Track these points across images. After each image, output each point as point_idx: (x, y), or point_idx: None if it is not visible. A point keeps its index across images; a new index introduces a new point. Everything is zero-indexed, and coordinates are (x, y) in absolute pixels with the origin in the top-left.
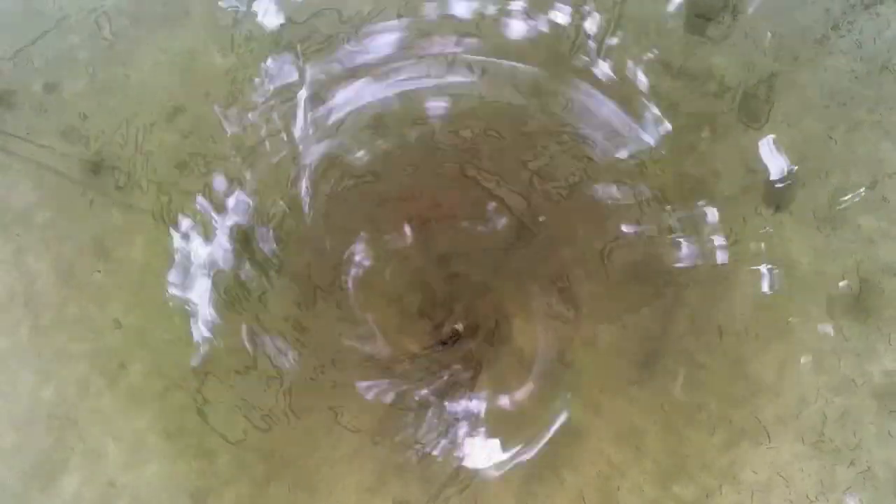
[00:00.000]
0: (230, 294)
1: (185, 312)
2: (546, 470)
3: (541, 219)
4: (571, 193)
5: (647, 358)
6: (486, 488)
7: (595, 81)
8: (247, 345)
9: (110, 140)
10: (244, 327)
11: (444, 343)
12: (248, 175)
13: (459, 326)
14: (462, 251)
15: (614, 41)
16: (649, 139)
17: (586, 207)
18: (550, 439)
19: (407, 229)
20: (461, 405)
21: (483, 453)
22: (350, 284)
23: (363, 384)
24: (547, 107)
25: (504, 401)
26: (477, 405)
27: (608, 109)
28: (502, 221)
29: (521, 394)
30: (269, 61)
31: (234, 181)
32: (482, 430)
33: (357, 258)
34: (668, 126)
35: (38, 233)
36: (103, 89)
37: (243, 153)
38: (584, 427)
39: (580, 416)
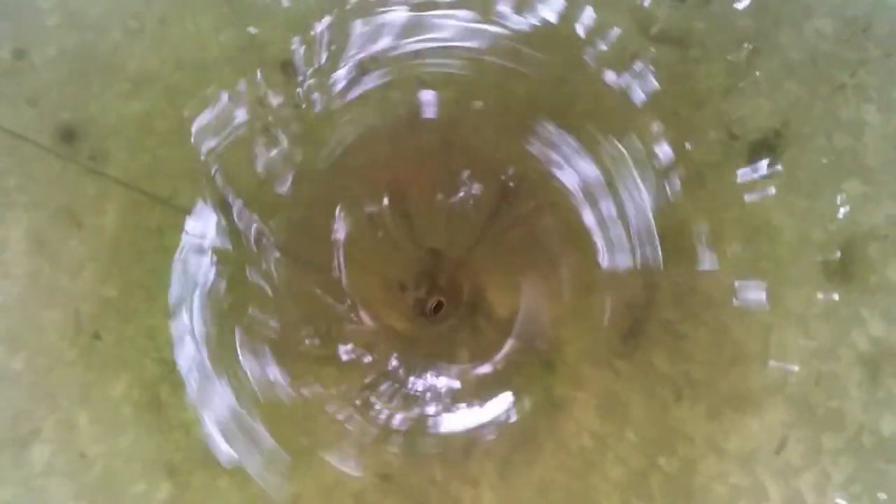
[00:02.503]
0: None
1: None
2: (528, 442)
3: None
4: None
5: (630, 329)
6: (466, 460)
7: None
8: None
9: (81, 107)
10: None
11: (426, 314)
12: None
13: (440, 300)
14: (442, 224)
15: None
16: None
17: None
18: (532, 411)
19: (385, 202)
20: (427, 380)
21: (455, 422)
22: (338, 261)
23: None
24: None
25: (478, 371)
26: (445, 380)
27: None
28: (483, 192)
29: (499, 363)
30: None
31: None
32: (453, 402)
33: (335, 235)
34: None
35: (8, 200)
36: (74, 56)
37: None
38: (566, 399)
39: (562, 388)
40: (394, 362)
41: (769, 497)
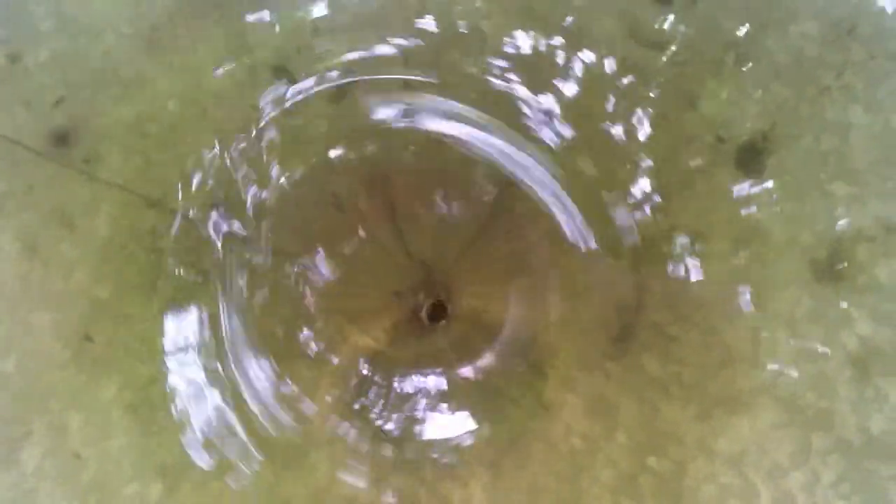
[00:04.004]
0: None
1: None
2: (519, 446)
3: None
4: None
5: (621, 332)
6: (457, 464)
7: None
8: None
9: (74, 111)
10: None
11: (423, 321)
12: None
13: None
14: (432, 233)
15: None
16: None
17: None
18: (522, 415)
19: (375, 213)
20: (413, 382)
21: (445, 427)
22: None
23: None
24: None
25: (468, 373)
26: (435, 382)
27: None
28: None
29: (487, 367)
30: None
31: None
32: (443, 404)
33: (323, 245)
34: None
35: (0, 203)
36: (67, 61)
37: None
38: (557, 402)
39: (553, 392)
40: (366, 370)
41: (759, 497)
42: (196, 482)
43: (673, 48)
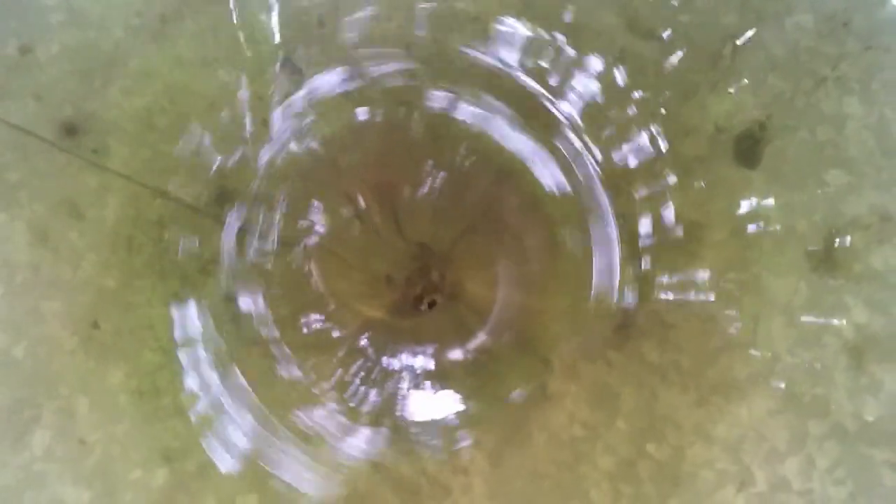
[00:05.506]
0: None
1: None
2: (518, 433)
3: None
4: None
5: (622, 320)
6: (457, 451)
7: None
8: None
9: (84, 103)
10: None
11: (419, 309)
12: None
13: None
14: (428, 217)
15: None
16: None
17: None
18: (521, 401)
19: (370, 197)
20: (402, 360)
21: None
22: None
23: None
24: None
25: (458, 356)
26: (424, 363)
27: None
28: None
29: (486, 354)
30: None
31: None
32: (434, 388)
33: (318, 228)
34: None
35: (11, 192)
36: (77, 53)
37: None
38: (557, 390)
39: (553, 379)
40: (364, 342)
41: (755, 482)
42: (201, 468)
43: (672, 40)
